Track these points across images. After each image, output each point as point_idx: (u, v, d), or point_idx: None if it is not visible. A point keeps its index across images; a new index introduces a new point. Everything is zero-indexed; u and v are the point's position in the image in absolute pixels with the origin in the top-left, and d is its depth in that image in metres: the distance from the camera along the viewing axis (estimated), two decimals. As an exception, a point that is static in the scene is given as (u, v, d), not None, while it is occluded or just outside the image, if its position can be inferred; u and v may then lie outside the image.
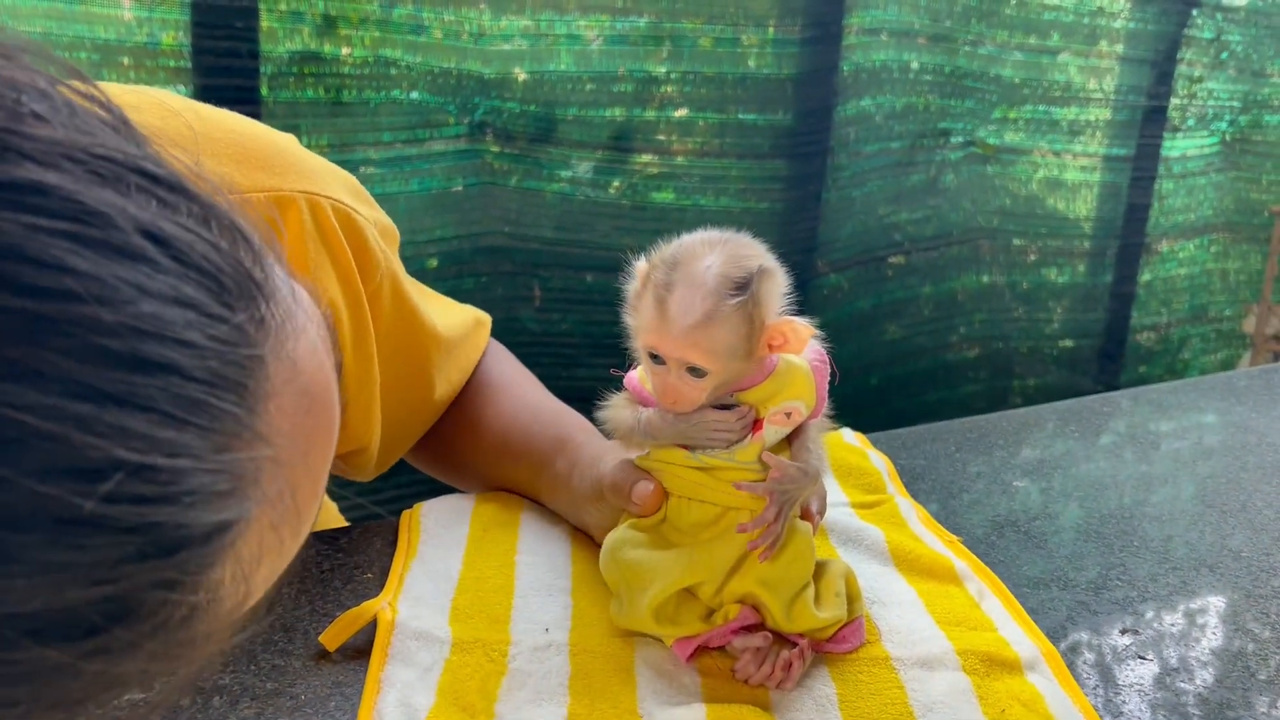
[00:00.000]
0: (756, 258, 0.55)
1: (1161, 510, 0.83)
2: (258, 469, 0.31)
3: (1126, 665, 0.63)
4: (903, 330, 1.99)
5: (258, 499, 0.31)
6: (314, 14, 1.38)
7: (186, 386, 0.28)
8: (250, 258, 0.33)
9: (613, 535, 0.61)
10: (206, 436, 0.29)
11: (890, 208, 1.89)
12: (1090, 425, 1.00)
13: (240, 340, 0.30)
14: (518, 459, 0.76)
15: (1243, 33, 2.16)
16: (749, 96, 1.67)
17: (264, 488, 0.31)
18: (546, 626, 0.62)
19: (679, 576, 0.58)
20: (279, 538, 0.34)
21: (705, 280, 0.53)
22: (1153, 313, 2.31)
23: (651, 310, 0.55)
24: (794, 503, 0.58)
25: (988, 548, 0.76)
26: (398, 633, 0.60)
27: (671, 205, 1.69)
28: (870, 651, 0.61)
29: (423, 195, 1.52)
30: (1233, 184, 2.31)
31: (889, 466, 0.84)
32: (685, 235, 0.57)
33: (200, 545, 0.29)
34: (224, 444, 0.29)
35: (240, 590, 0.33)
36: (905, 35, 1.81)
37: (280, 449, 0.32)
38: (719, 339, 0.54)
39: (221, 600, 0.32)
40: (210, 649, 0.34)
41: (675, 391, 0.56)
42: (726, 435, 0.57)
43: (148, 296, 0.28)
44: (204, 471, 0.28)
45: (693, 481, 0.58)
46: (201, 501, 0.29)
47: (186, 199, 0.31)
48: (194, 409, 0.28)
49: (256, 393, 0.31)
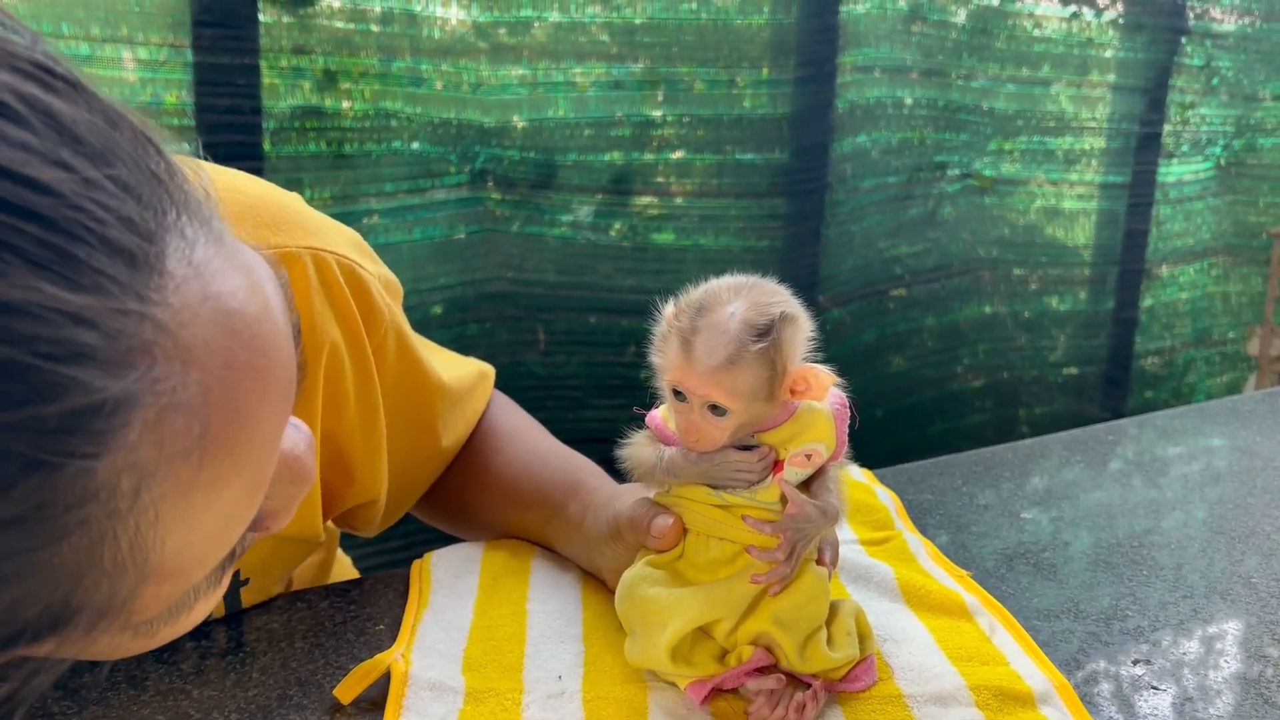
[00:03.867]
0: (780, 304, 0.56)
1: (1172, 537, 0.83)
2: (147, 351, 0.29)
3: (1141, 695, 0.63)
4: (907, 362, 2.00)
5: (149, 388, 0.29)
6: (315, 69, 1.40)
7: (51, 235, 0.27)
8: (156, 162, 0.32)
9: (630, 572, 0.61)
10: (73, 288, 0.27)
11: (890, 241, 1.91)
12: (1097, 453, 1.00)
13: (126, 210, 0.29)
14: (529, 505, 0.77)
15: (1233, 58, 2.18)
16: (745, 136, 1.69)
17: (158, 378, 0.29)
18: (559, 674, 0.62)
19: (697, 614, 0.58)
20: (194, 467, 0.31)
21: (729, 326, 0.55)
22: (1156, 337, 2.31)
23: (676, 350, 0.56)
24: (808, 541, 0.59)
25: (998, 580, 0.76)
26: (411, 684, 0.60)
27: (672, 246, 1.70)
28: (883, 689, 0.61)
29: (426, 244, 1.53)
30: (1230, 207, 2.32)
31: (896, 502, 0.84)
32: (712, 280, 0.58)
33: (71, 405, 0.27)
34: (97, 303, 0.28)
35: (149, 520, 0.30)
36: (898, 71, 1.83)
37: (187, 348, 0.30)
38: (741, 381, 0.55)
39: (123, 519, 0.30)
40: (125, 618, 0.32)
41: (698, 430, 0.56)
42: (747, 475, 0.57)
43: (9, 145, 0.27)
44: (70, 321, 0.27)
45: (712, 519, 0.59)
46: (67, 355, 0.27)
47: (82, 93, 0.31)
48: (61, 258, 0.27)
49: (145, 268, 0.29)
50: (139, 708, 0.60)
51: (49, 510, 0.28)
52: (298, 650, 0.66)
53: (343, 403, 0.69)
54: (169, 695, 0.61)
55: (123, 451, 0.29)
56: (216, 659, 0.65)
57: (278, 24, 1.36)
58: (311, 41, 1.38)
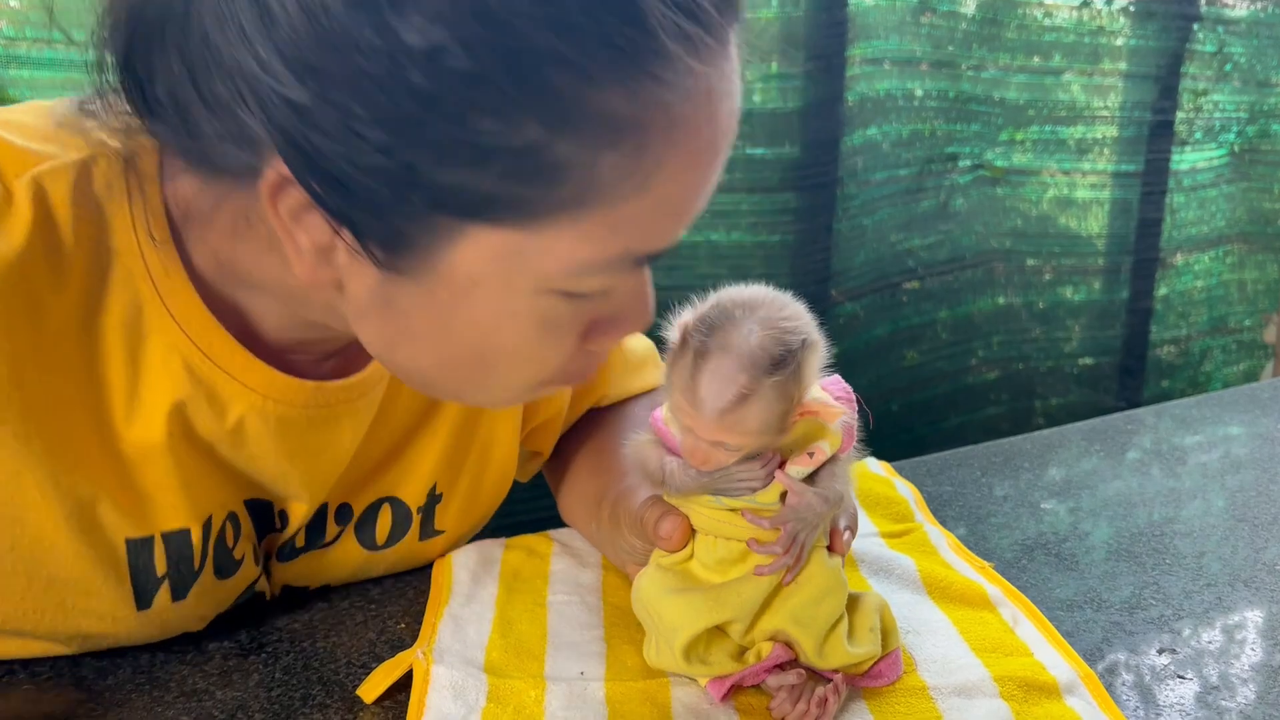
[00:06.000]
0: (798, 330, 0.53)
1: (1192, 526, 0.83)
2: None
3: (1166, 685, 0.63)
4: (921, 355, 1.99)
5: (704, 82, 0.47)
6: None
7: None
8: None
9: (641, 576, 0.61)
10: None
11: (902, 234, 1.90)
12: (1116, 443, 1.00)
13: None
14: (598, 472, 0.77)
15: (1245, 44, 2.17)
16: (756, 131, 1.69)
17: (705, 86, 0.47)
18: (581, 669, 0.62)
19: (707, 617, 0.58)
20: (694, 150, 0.49)
21: (742, 353, 0.52)
22: (1172, 326, 2.30)
23: (684, 387, 0.53)
24: (812, 529, 0.57)
25: (1019, 571, 0.75)
26: (434, 682, 0.60)
27: (683, 242, 1.70)
28: (907, 681, 0.61)
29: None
30: (1244, 194, 2.30)
31: (915, 494, 0.84)
32: (723, 292, 0.55)
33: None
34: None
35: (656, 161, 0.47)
36: (908, 63, 1.82)
37: (690, 98, 0.46)
38: (752, 419, 0.52)
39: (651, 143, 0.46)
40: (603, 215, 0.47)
41: (704, 454, 0.55)
42: (751, 484, 0.56)
43: None
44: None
45: (716, 519, 0.58)
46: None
47: None
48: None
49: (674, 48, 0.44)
50: (163, 709, 0.60)
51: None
52: (320, 650, 0.66)
53: None
54: (192, 696, 0.62)
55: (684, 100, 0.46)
56: (239, 659, 0.65)
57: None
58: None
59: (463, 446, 0.73)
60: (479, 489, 0.75)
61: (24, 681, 0.63)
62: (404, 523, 0.72)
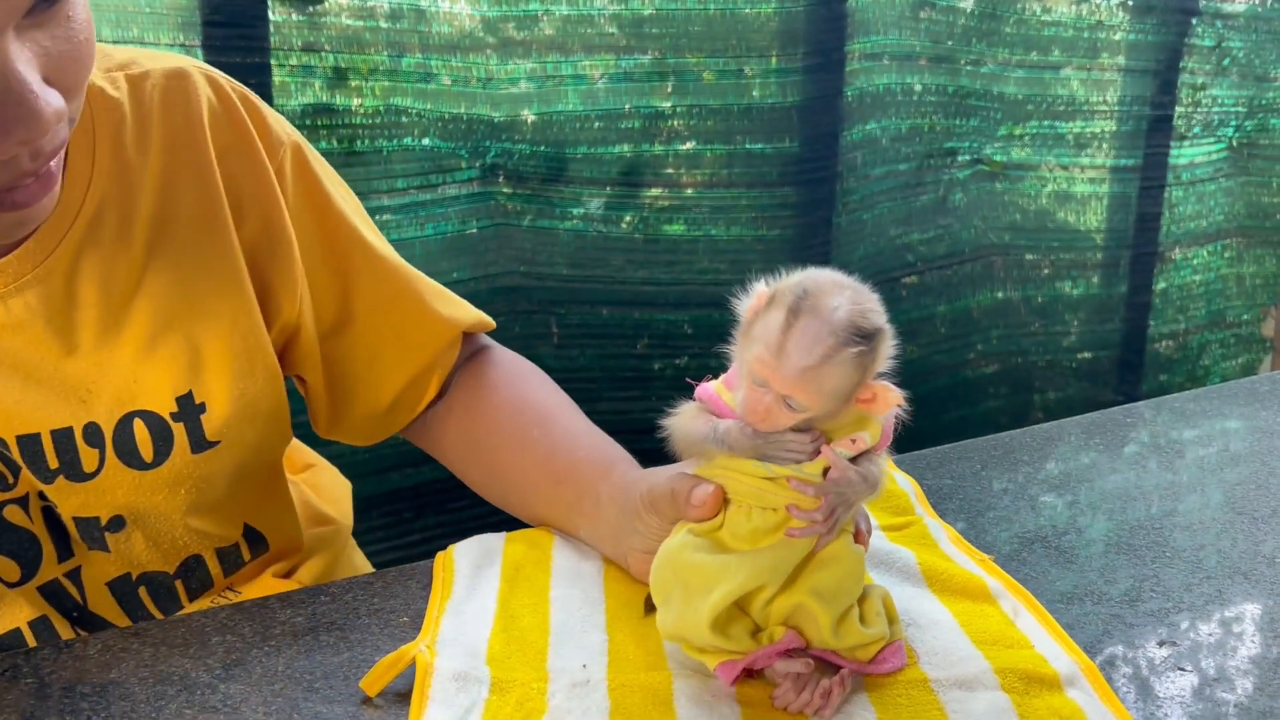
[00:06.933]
0: (880, 315, 0.57)
1: (1191, 519, 0.83)
2: None
3: (1166, 677, 0.63)
4: (920, 350, 1.99)
5: None
6: (324, 67, 1.40)
7: None
8: None
9: (670, 541, 0.61)
10: None
11: (901, 229, 1.90)
12: (1114, 437, 1.00)
13: None
14: (561, 481, 0.77)
15: (1244, 39, 2.17)
16: (755, 126, 1.69)
17: None
18: (584, 663, 0.62)
19: (744, 579, 0.58)
20: None
21: (832, 319, 0.54)
22: (1170, 321, 2.30)
23: (772, 339, 0.55)
24: (849, 506, 0.59)
25: (1018, 564, 0.76)
26: (436, 675, 0.60)
27: (683, 237, 1.70)
28: (908, 674, 0.61)
29: (438, 239, 1.53)
30: (1243, 189, 2.30)
31: (915, 488, 0.84)
32: (812, 270, 0.58)
33: None
34: None
35: None
36: (907, 58, 1.82)
37: None
38: (829, 381, 0.55)
39: None
40: None
41: (768, 412, 0.56)
42: (798, 455, 0.58)
43: None
44: None
45: (758, 488, 0.59)
46: None
47: None
48: None
49: None
50: (166, 703, 0.61)
51: None
52: (323, 643, 0.67)
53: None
54: (196, 690, 0.62)
55: None
56: (242, 653, 0.66)
57: (287, 22, 1.36)
58: (321, 39, 1.39)
59: (185, 350, 0.72)
60: (248, 395, 0.74)
61: (27, 675, 0.63)
62: (165, 435, 0.71)
